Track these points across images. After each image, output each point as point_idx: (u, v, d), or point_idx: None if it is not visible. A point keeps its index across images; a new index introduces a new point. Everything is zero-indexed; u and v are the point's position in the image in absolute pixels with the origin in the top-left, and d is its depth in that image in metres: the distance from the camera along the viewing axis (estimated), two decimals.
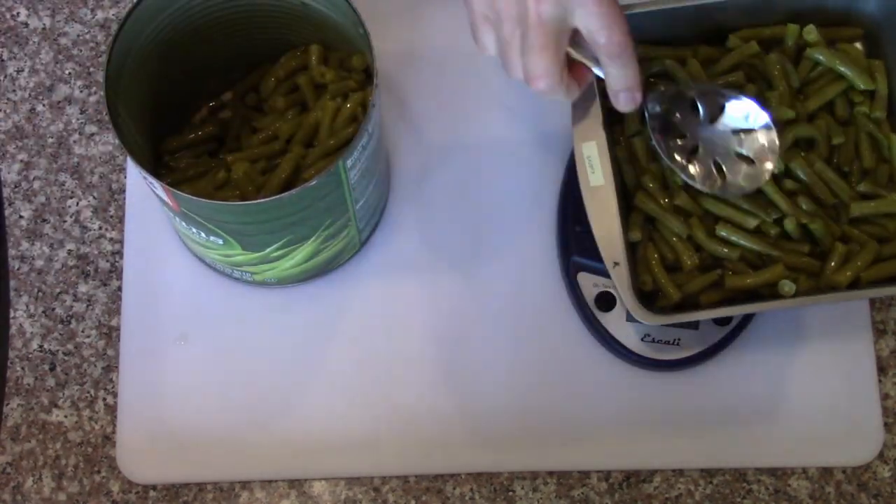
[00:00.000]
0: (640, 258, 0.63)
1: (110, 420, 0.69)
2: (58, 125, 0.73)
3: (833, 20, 0.67)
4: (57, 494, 0.68)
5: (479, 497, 0.67)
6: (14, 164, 0.73)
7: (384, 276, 0.70)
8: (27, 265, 0.71)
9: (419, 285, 0.70)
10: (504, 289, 0.70)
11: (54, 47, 0.75)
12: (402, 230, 0.71)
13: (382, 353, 0.69)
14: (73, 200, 0.72)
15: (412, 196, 0.71)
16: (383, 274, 0.70)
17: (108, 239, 0.71)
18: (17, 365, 0.69)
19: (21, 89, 0.74)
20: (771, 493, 0.68)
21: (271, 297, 0.70)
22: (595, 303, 0.67)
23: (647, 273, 0.63)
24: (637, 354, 0.67)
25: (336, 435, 0.68)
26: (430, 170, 0.72)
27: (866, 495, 0.68)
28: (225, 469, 0.68)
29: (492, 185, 0.71)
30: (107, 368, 0.69)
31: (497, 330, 0.69)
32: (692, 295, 0.63)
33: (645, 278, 0.63)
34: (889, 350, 0.70)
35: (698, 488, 0.68)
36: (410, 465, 0.68)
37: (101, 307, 0.70)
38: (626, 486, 0.68)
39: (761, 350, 0.69)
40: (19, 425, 0.69)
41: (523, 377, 0.69)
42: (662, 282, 0.62)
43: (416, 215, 0.71)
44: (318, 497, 0.68)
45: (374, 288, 0.70)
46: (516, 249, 0.70)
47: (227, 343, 0.69)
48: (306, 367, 0.69)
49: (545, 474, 0.68)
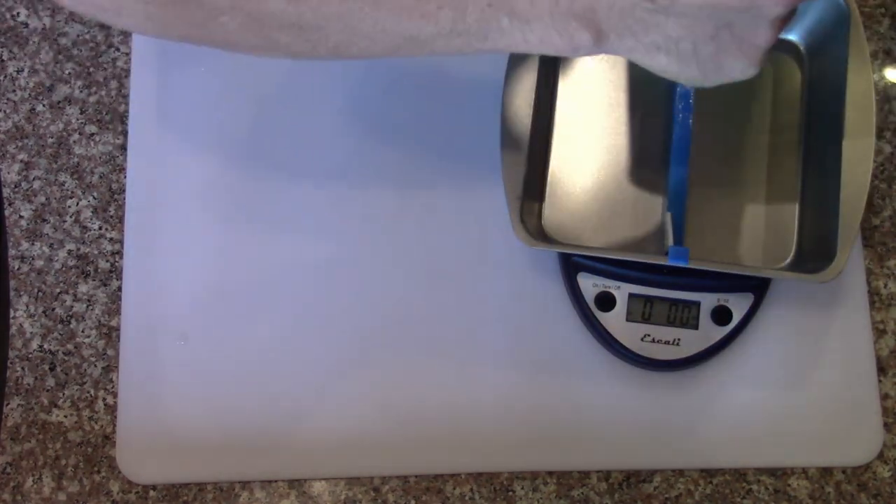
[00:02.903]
0: None
1: (110, 420, 0.69)
2: (58, 125, 0.73)
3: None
4: (57, 494, 0.68)
5: (479, 497, 0.68)
6: (14, 164, 0.73)
7: (384, 276, 0.70)
8: (27, 265, 0.71)
9: (419, 285, 0.70)
10: (504, 288, 0.70)
11: (54, 47, 0.75)
12: (401, 230, 0.71)
13: (382, 353, 0.69)
14: (73, 200, 0.72)
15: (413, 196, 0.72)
16: (383, 274, 0.70)
17: (108, 239, 0.71)
18: (17, 365, 0.70)
19: (21, 89, 0.74)
20: (771, 493, 0.68)
21: (271, 294, 0.70)
22: (595, 303, 0.67)
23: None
24: (637, 354, 0.67)
25: (336, 435, 0.68)
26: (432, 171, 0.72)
27: (866, 495, 0.68)
28: (225, 469, 0.68)
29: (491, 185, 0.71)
30: (107, 368, 0.69)
31: (497, 330, 0.69)
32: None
33: None
34: (889, 350, 0.70)
35: (698, 488, 0.68)
36: (410, 465, 0.68)
37: (101, 307, 0.70)
38: (626, 486, 0.68)
39: (761, 350, 0.69)
40: (19, 425, 0.69)
41: (523, 377, 0.69)
42: None
43: (416, 216, 0.71)
44: (318, 497, 0.68)
45: (373, 288, 0.70)
46: (516, 249, 0.70)
47: (227, 343, 0.69)
48: (306, 367, 0.69)
49: (545, 474, 0.68)
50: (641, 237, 0.69)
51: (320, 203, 0.71)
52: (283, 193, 0.71)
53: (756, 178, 0.70)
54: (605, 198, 0.70)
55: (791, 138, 0.71)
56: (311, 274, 0.70)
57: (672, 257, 0.64)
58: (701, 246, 0.69)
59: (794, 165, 0.70)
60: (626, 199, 0.70)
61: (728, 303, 0.67)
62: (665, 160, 0.70)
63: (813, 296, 0.70)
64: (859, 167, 0.65)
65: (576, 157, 0.71)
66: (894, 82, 0.75)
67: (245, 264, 0.70)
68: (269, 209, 0.71)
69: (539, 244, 0.65)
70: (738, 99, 0.72)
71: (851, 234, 0.64)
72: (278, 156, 0.72)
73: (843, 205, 0.64)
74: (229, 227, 0.71)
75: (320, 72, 0.74)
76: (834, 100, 0.67)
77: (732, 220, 0.70)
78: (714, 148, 0.71)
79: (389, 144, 0.72)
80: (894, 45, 0.76)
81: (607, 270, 0.67)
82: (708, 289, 0.67)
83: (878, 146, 0.73)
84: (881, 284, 0.71)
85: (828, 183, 0.66)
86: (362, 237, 0.71)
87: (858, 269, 0.71)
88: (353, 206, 0.71)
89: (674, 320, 0.67)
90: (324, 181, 0.72)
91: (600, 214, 0.70)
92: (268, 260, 0.70)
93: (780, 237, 0.69)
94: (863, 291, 0.71)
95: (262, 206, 0.71)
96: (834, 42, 0.68)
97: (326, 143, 0.72)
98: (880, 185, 0.73)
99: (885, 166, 0.74)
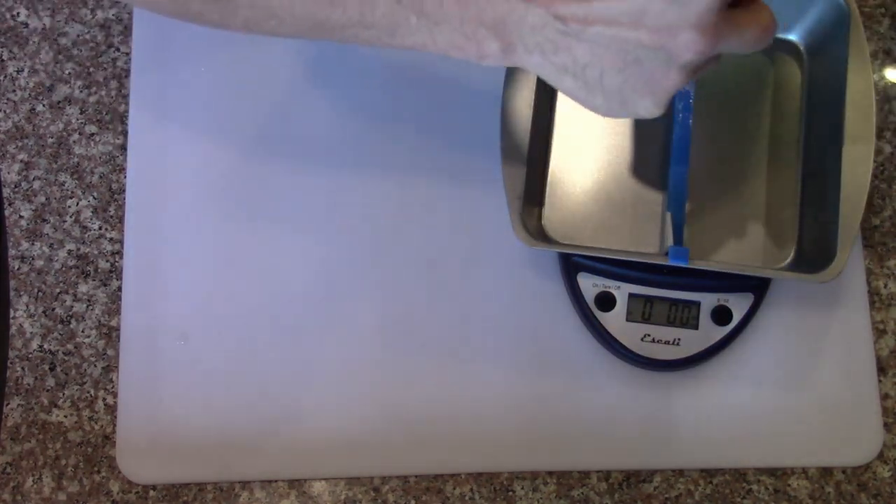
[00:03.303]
0: None
1: (110, 420, 0.69)
2: (58, 125, 0.73)
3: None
4: (57, 494, 0.68)
5: (479, 497, 0.68)
6: (14, 164, 0.73)
7: (384, 276, 0.70)
8: (27, 265, 0.71)
9: (418, 285, 0.70)
10: (504, 288, 0.70)
11: (54, 47, 0.75)
12: (401, 230, 0.71)
13: (382, 353, 0.69)
14: (73, 200, 0.72)
15: (413, 196, 0.72)
16: (383, 274, 0.70)
17: (108, 239, 0.71)
18: (17, 365, 0.70)
19: (21, 89, 0.74)
20: (771, 493, 0.68)
21: (271, 295, 0.70)
22: (595, 303, 0.67)
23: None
24: (637, 354, 0.67)
25: (336, 435, 0.68)
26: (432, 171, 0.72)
27: (866, 495, 0.68)
28: (225, 469, 0.68)
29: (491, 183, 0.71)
30: (107, 368, 0.69)
31: (497, 330, 0.69)
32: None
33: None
34: (889, 350, 0.70)
35: (698, 488, 0.68)
36: (410, 465, 0.68)
37: (101, 307, 0.70)
38: (626, 486, 0.68)
39: (761, 350, 0.69)
40: (19, 425, 0.69)
41: (523, 377, 0.69)
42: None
43: (416, 216, 0.71)
44: (318, 497, 0.68)
45: (373, 289, 0.70)
46: (516, 249, 0.70)
47: (227, 343, 0.69)
48: (306, 367, 0.69)
49: (545, 474, 0.68)
50: (641, 237, 0.69)
51: (320, 203, 0.71)
52: (283, 194, 0.71)
53: (756, 179, 0.70)
54: (605, 198, 0.70)
55: (791, 138, 0.71)
56: (310, 274, 0.70)
57: (672, 257, 0.64)
58: (701, 246, 0.69)
59: (794, 165, 0.70)
60: (626, 199, 0.70)
61: (728, 303, 0.67)
62: (665, 160, 0.70)
63: (813, 296, 0.70)
64: (859, 167, 0.65)
65: (576, 157, 0.71)
66: (894, 82, 0.75)
67: (245, 264, 0.70)
68: (269, 209, 0.71)
69: (539, 244, 0.65)
70: (738, 99, 0.72)
71: (851, 234, 0.64)
72: (278, 156, 0.72)
73: (843, 205, 0.64)
74: (229, 227, 0.71)
75: (321, 71, 0.74)
76: (834, 100, 0.67)
77: (732, 220, 0.70)
78: (714, 148, 0.71)
79: (390, 145, 0.72)
80: (894, 45, 0.76)
81: (607, 270, 0.67)
82: (708, 289, 0.67)
83: (878, 146, 0.73)
84: (881, 284, 0.71)
85: (828, 183, 0.66)
86: (362, 237, 0.71)
87: (858, 269, 0.71)
88: (353, 206, 0.71)
89: (674, 320, 0.67)
90: (323, 181, 0.72)
91: (600, 214, 0.70)
92: (268, 260, 0.70)
93: (780, 237, 0.69)
94: (863, 291, 0.71)
95: (262, 207, 0.71)
96: (834, 42, 0.68)
97: (326, 143, 0.72)
98: (880, 185, 0.73)
99: (885, 166, 0.74)
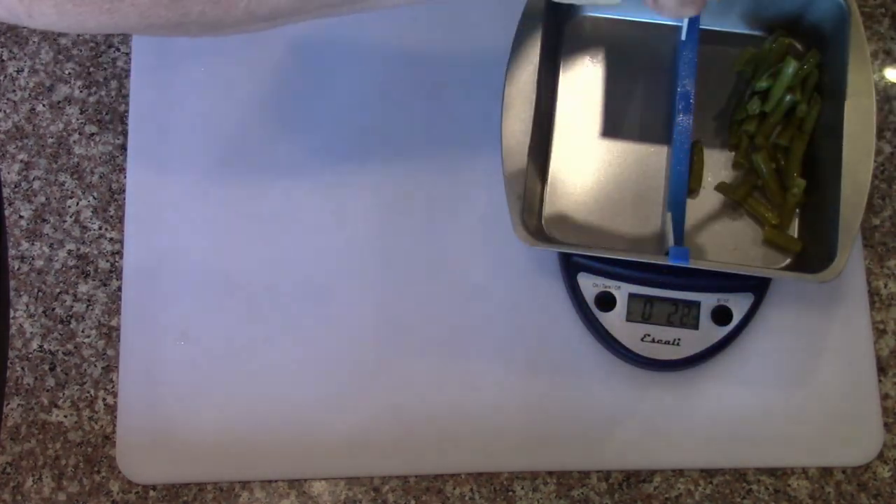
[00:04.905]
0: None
1: (110, 420, 0.69)
2: (58, 125, 0.73)
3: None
4: (57, 494, 0.68)
5: (479, 497, 0.68)
6: (14, 164, 0.73)
7: (384, 276, 0.70)
8: (27, 265, 0.71)
9: (419, 285, 0.70)
10: (504, 288, 0.70)
11: (54, 47, 0.75)
12: (401, 230, 0.71)
13: (382, 353, 0.69)
14: (73, 200, 0.72)
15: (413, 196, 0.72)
16: (383, 274, 0.70)
17: (108, 239, 0.71)
18: (17, 365, 0.70)
19: (21, 89, 0.74)
20: (771, 493, 0.68)
21: (271, 295, 0.70)
22: (595, 303, 0.67)
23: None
24: (637, 354, 0.67)
25: (336, 435, 0.68)
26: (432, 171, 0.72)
27: (866, 495, 0.68)
28: (225, 469, 0.68)
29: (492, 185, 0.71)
30: (107, 368, 0.69)
31: (497, 329, 0.69)
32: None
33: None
34: (889, 350, 0.70)
35: (698, 488, 0.68)
36: (410, 465, 0.68)
37: (101, 307, 0.70)
38: (626, 486, 0.68)
39: (761, 350, 0.69)
40: (19, 425, 0.69)
41: (523, 377, 0.69)
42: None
43: (416, 216, 0.71)
44: (318, 497, 0.68)
45: (373, 289, 0.70)
46: (516, 249, 0.70)
47: (227, 343, 0.69)
48: (306, 367, 0.69)
49: (545, 474, 0.68)
50: (641, 237, 0.69)
51: (319, 203, 0.71)
52: (283, 194, 0.71)
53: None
54: (605, 198, 0.70)
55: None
56: (310, 274, 0.70)
57: (672, 257, 0.64)
58: (701, 246, 0.69)
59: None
60: (626, 199, 0.70)
61: (728, 303, 0.67)
62: (665, 160, 0.70)
63: (813, 296, 0.70)
64: (859, 167, 0.65)
65: (576, 157, 0.71)
66: (894, 82, 0.75)
67: (245, 264, 0.70)
68: (269, 209, 0.71)
69: (539, 244, 0.65)
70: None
71: (851, 234, 0.64)
72: (278, 156, 0.72)
73: (843, 205, 0.64)
74: (229, 226, 0.71)
75: (319, 71, 0.74)
76: (834, 100, 0.67)
77: (732, 220, 0.70)
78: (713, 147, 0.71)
79: (389, 145, 0.72)
80: (894, 45, 0.76)
81: (607, 270, 0.67)
82: (708, 289, 0.67)
83: (878, 146, 0.73)
84: (881, 284, 0.71)
85: (828, 183, 0.66)
86: (362, 238, 0.71)
87: (858, 269, 0.71)
88: (353, 207, 0.71)
89: (674, 320, 0.67)
90: (323, 181, 0.72)
91: (600, 214, 0.70)
92: (268, 260, 0.70)
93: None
94: (863, 291, 0.70)
95: (261, 207, 0.71)
96: (834, 42, 0.68)
97: (326, 143, 0.72)
98: (880, 185, 0.73)
99: (885, 166, 0.74)
